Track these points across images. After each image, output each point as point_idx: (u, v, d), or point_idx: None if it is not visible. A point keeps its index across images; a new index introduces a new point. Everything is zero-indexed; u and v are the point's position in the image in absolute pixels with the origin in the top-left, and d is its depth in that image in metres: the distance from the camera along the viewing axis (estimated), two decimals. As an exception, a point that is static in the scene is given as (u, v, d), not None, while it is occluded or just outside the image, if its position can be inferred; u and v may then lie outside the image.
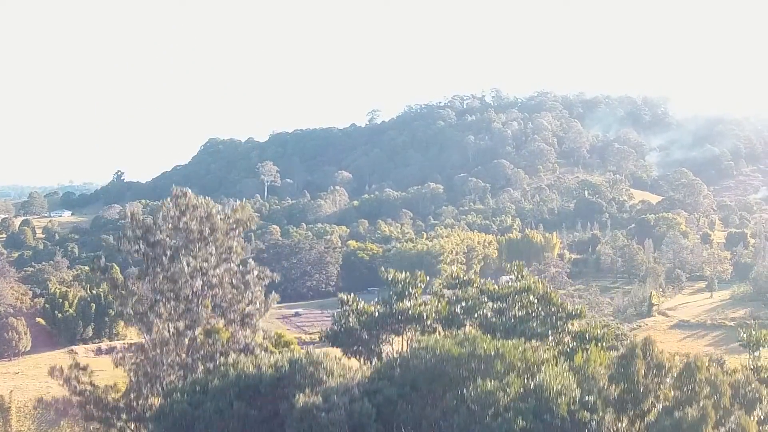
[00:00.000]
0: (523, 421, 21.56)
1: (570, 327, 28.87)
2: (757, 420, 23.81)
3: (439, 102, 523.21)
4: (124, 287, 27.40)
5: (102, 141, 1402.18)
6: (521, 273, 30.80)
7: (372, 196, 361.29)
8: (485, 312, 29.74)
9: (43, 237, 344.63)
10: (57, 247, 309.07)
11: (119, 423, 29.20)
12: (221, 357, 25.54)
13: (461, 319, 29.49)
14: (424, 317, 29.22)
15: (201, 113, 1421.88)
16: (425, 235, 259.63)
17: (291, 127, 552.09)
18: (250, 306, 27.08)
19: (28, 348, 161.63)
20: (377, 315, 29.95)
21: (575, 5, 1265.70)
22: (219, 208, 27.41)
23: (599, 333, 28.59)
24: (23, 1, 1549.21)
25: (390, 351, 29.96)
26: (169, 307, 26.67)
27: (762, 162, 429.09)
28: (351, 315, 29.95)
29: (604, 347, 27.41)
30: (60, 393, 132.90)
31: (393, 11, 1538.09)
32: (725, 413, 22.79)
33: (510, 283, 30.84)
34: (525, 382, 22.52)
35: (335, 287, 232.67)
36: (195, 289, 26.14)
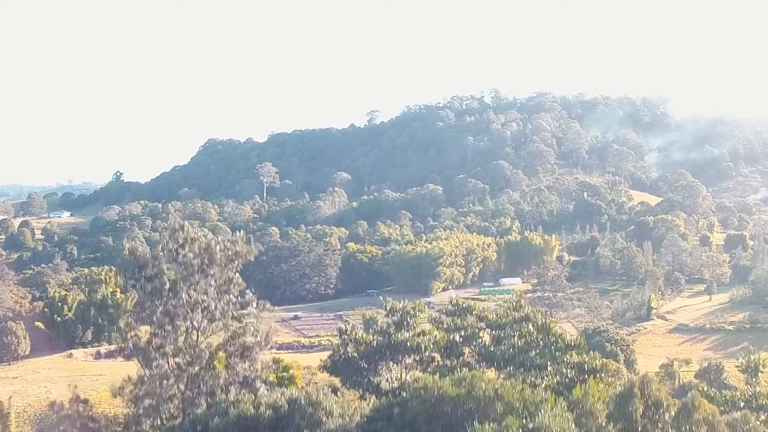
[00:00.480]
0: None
1: (569, 358, 28.96)
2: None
3: (438, 102, 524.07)
4: (125, 326, 27.41)
5: (101, 141, 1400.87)
6: (519, 303, 30.80)
7: (371, 197, 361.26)
8: (484, 341, 29.78)
9: (42, 238, 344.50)
10: (56, 249, 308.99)
11: None
12: (222, 393, 25.54)
13: (460, 348, 29.54)
14: (422, 348, 29.25)
15: (200, 113, 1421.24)
16: (424, 237, 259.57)
17: (290, 128, 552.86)
18: (250, 338, 27.06)
19: (27, 352, 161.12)
20: (376, 345, 29.96)
21: (574, 6, 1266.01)
22: (218, 239, 27.38)
23: (597, 364, 28.66)
24: (24, 2, 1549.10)
25: (390, 378, 29.97)
26: (170, 340, 26.67)
27: (761, 163, 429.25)
28: (350, 344, 29.94)
29: (603, 379, 27.45)
30: (59, 398, 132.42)
31: (392, 12, 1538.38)
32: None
33: (509, 313, 30.90)
34: (524, 422, 22.57)
35: (334, 290, 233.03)
36: (195, 323, 26.15)
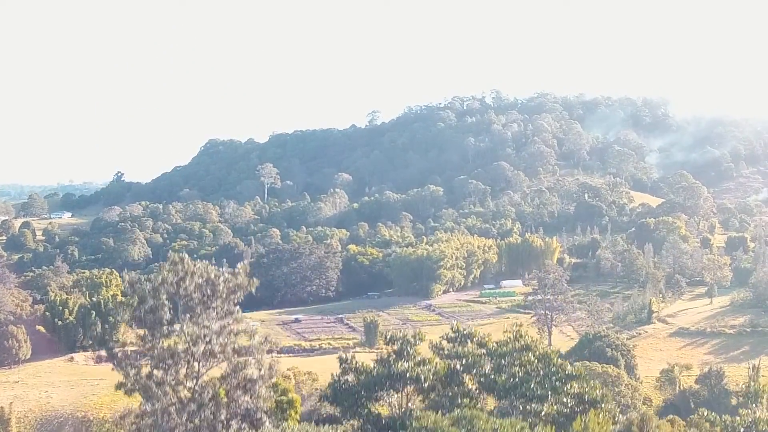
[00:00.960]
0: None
1: (569, 388, 28.92)
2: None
3: (439, 103, 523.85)
4: (125, 358, 27.38)
5: (102, 141, 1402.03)
6: (519, 333, 30.77)
7: (372, 198, 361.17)
8: (485, 368, 29.75)
9: (43, 239, 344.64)
10: (57, 250, 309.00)
11: None
12: (223, 429, 25.48)
13: (461, 377, 29.51)
14: (422, 379, 29.21)
15: (201, 114, 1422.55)
16: (425, 239, 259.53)
17: (291, 128, 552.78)
18: (253, 371, 26.95)
19: (28, 356, 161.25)
20: (376, 374, 29.91)
21: (575, 7, 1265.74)
22: (219, 270, 27.35)
23: (597, 394, 28.62)
24: (26, 2, 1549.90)
25: (391, 404, 29.90)
26: (170, 373, 26.62)
27: (762, 164, 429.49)
28: (350, 373, 29.91)
29: (603, 409, 27.42)
30: (59, 403, 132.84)
31: (393, 13, 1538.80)
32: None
33: (510, 341, 30.85)
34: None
35: (335, 292, 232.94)
36: (196, 357, 26.11)
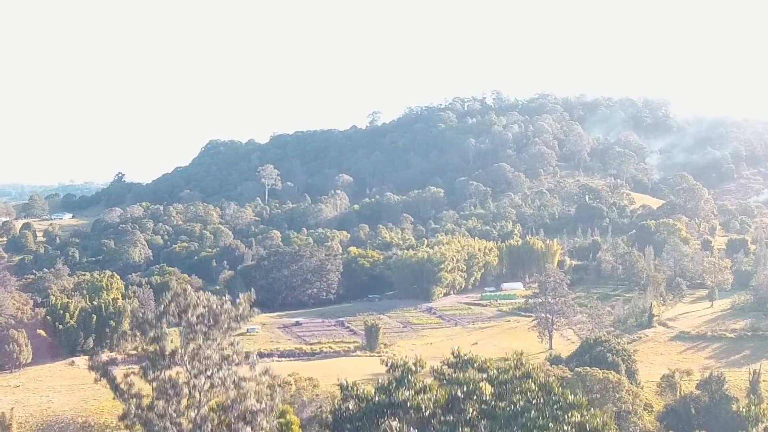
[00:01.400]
0: None
1: (570, 417, 28.95)
2: None
3: (440, 104, 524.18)
4: (125, 387, 27.42)
5: (103, 141, 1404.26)
6: (520, 359, 30.84)
7: (373, 199, 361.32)
8: (486, 393, 29.82)
9: (44, 240, 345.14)
10: (58, 252, 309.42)
11: None
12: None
13: (461, 404, 29.57)
14: (422, 408, 29.25)
15: (202, 114, 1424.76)
16: (426, 242, 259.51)
17: (292, 129, 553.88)
18: (254, 403, 26.93)
19: (29, 360, 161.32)
20: (377, 403, 29.94)
21: (576, 7, 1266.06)
22: (221, 300, 27.37)
23: (599, 423, 28.65)
24: (27, 2, 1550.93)
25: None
26: (172, 404, 26.64)
27: (762, 165, 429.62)
28: (351, 400, 29.98)
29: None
30: (60, 408, 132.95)
31: (394, 13, 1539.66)
32: None
33: (511, 368, 30.91)
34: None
35: (336, 295, 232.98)
36: (198, 388, 26.12)
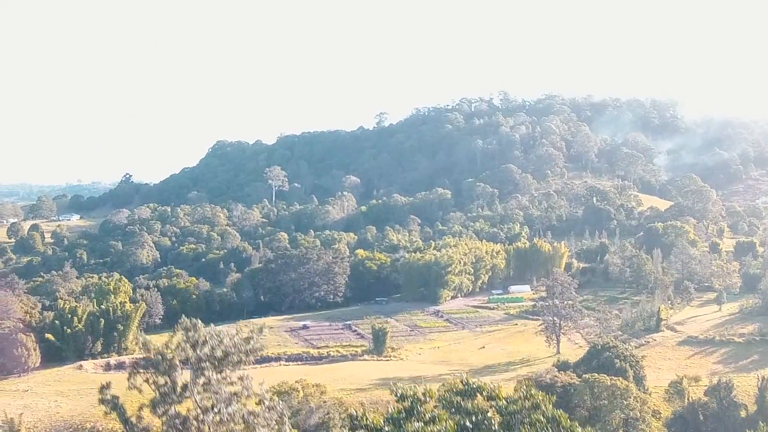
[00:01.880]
0: None
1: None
2: None
3: (447, 105, 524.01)
4: (135, 420, 27.41)
5: (110, 141, 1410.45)
6: (530, 390, 30.72)
7: (380, 201, 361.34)
8: (494, 426, 29.75)
9: (52, 242, 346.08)
10: (65, 253, 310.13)
11: None
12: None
13: (470, 434, 29.51)
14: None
15: (210, 114, 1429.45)
16: (433, 244, 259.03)
17: (299, 130, 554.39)
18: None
19: (37, 364, 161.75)
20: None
21: (583, 8, 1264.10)
22: (232, 334, 27.35)
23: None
24: (35, 3, 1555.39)
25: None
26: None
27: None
28: (360, 431, 29.89)
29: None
30: (69, 413, 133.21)
31: (401, 14, 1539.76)
32: None
33: (520, 399, 30.79)
34: None
35: (343, 298, 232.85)
36: (207, 423, 26.08)
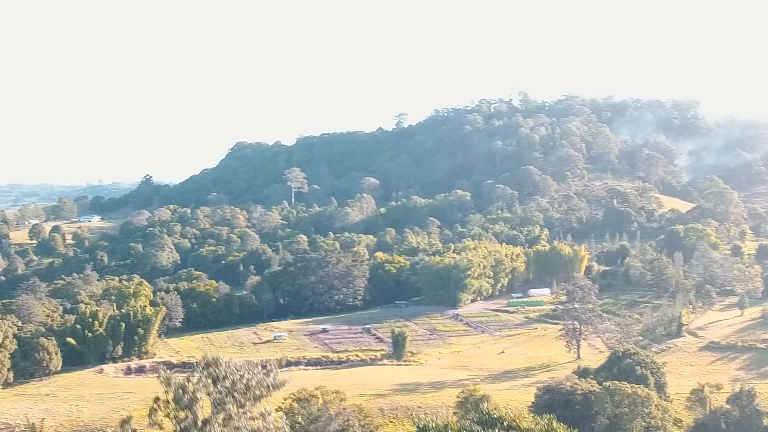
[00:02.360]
0: None
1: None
2: None
3: (466, 106, 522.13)
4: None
5: (131, 141, 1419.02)
6: (551, 424, 30.34)
7: (399, 203, 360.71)
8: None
9: (73, 243, 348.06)
10: (86, 255, 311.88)
11: None
12: None
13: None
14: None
15: (230, 115, 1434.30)
16: (452, 247, 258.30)
17: (318, 131, 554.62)
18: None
19: (58, 368, 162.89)
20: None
21: (604, 8, 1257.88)
22: (252, 371, 27.23)
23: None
24: (59, 4, 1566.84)
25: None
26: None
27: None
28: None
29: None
30: (90, 418, 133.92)
31: (421, 15, 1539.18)
32: None
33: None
34: None
35: (362, 301, 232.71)
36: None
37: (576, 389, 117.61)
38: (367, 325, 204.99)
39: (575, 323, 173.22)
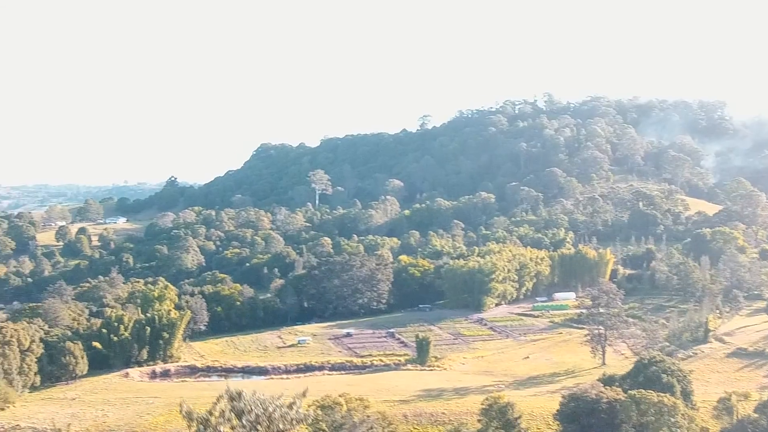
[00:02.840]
0: None
1: None
2: None
3: (491, 107, 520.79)
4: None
5: (156, 142, 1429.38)
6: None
7: (423, 205, 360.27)
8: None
9: (99, 245, 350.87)
10: (112, 257, 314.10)
11: None
12: None
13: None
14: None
15: (254, 117, 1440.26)
16: (477, 250, 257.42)
17: (342, 132, 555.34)
18: None
19: (84, 372, 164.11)
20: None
21: (629, 8, 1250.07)
22: (275, 405, 27.09)
23: None
24: (91, 7, 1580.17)
25: None
26: None
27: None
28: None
29: None
30: (115, 423, 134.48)
31: (446, 17, 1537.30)
32: None
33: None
34: None
35: (386, 304, 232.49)
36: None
37: (601, 397, 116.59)
38: (391, 330, 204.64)
39: (600, 328, 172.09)
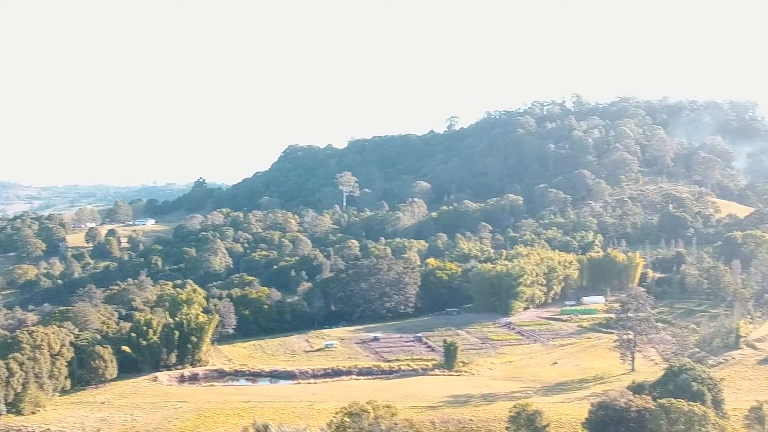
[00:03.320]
0: None
1: None
2: None
3: (519, 108, 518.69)
4: None
5: (185, 143, 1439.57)
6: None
7: (450, 207, 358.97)
8: None
9: (128, 246, 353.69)
10: (141, 259, 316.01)
11: None
12: None
13: None
14: None
15: (283, 118, 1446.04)
16: (504, 253, 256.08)
17: (369, 134, 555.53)
18: None
19: (113, 375, 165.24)
20: None
21: (658, 8, 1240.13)
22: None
23: None
24: (131, 11, 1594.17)
25: None
26: None
27: None
28: None
29: None
30: (144, 427, 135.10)
31: (473, 17, 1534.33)
32: None
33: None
34: None
35: (414, 308, 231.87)
36: None
37: (630, 406, 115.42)
38: (419, 334, 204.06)
39: (629, 333, 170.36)
